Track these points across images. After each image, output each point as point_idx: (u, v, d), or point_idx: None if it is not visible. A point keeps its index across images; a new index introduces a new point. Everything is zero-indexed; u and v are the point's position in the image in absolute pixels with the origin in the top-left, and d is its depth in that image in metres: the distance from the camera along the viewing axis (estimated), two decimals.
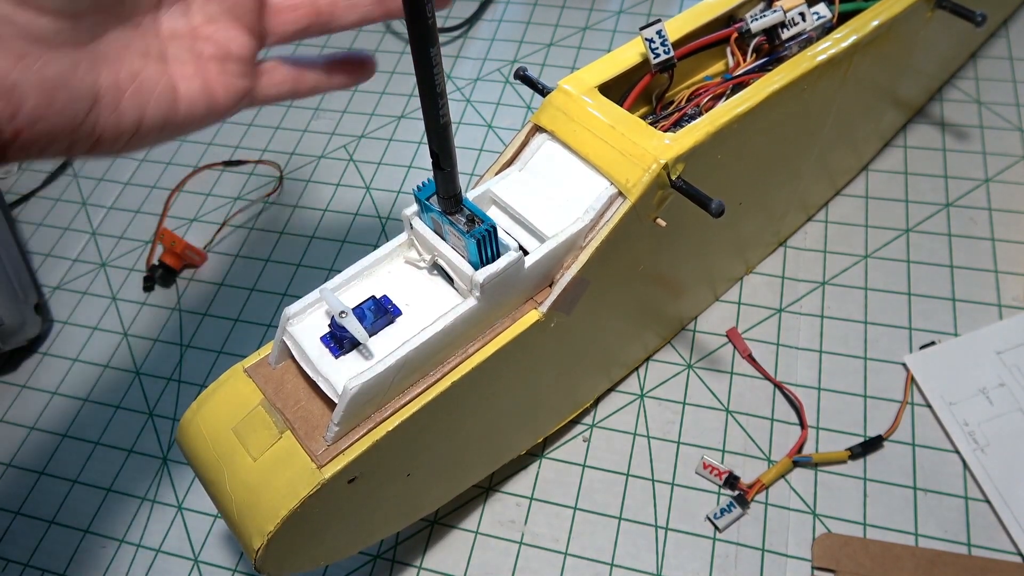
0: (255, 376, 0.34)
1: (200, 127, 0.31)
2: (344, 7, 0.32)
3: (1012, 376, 0.47)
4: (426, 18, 0.25)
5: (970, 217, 0.55)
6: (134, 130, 0.28)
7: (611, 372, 0.49)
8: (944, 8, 0.47)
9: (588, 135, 0.37)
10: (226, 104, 0.31)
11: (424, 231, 0.34)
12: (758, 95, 0.38)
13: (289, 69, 0.33)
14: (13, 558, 0.49)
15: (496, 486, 0.48)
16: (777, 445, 0.47)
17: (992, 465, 0.44)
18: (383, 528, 0.40)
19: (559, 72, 0.69)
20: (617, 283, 0.40)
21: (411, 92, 0.71)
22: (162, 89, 0.29)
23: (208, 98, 0.30)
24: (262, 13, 0.31)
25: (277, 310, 0.58)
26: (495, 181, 0.38)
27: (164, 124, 0.29)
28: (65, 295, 0.62)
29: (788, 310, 0.52)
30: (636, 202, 0.35)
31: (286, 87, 0.33)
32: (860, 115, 0.50)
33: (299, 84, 0.34)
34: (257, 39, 0.32)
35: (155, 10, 0.29)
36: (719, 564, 0.44)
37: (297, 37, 0.33)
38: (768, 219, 0.51)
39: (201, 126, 0.31)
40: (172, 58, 0.29)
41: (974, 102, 0.61)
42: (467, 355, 0.34)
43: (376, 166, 0.66)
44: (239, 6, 0.30)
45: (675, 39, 0.41)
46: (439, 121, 0.28)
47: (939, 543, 0.43)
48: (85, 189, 0.69)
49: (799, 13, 0.42)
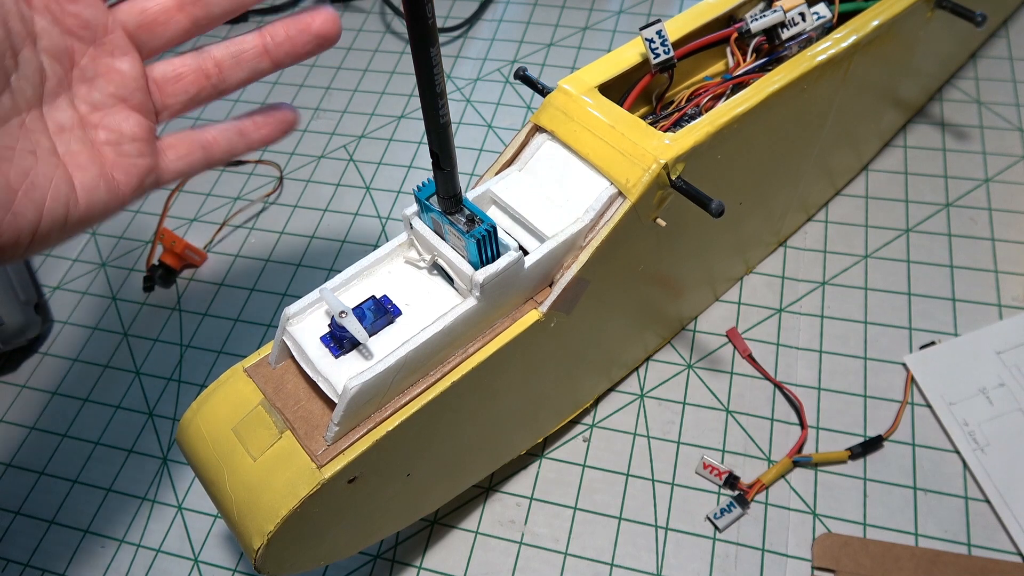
0: (255, 376, 0.34)
1: (105, 216, 0.30)
2: (230, 66, 0.32)
3: (1012, 376, 0.47)
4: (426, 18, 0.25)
5: (970, 217, 0.55)
6: (33, 230, 0.27)
7: (611, 372, 0.49)
8: (944, 8, 0.47)
9: (588, 135, 0.37)
10: (128, 187, 0.30)
11: (424, 231, 0.34)
12: (758, 95, 0.38)
13: (195, 138, 0.33)
14: (13, 558, 0.49)
15: (496, 486, 0.48)
16: (777, 445, 0.47)
17: (992, 465, 0.44)
18: (383, 528, 0.40)
19: (559, 72, 0.69)
20: (617, 283, 0.40)
21: (411, 92, 0.71)
22: (57, 182, 0.28)
23: (108, 184, 0.29)
24: (148, 90, 0.31)
25: (277, 310, 0.58)
26: (495, 181, 0.38)
27: (65, 219, 0.28)
28: (65, 295, 0.62)
29: (788, 310, 0.52)
30: (636, 202, 0.35)
31: (195, 157, 0.33)
32: (860, 115, 0.50)
33: (210, 150, 0.33)
34: (149, 116, 0.31)
35: (36, 106, 0.28)
36: (719, 564, 0.44)
37: (191, 106, 0.32)
38: (768, 219, 0.51)
39: (106, 215, 0.30)
40: (64, 151, 0.28)
41: (974, 102, 0.61)
42: (467, 355, 0.34)
43: (376, 166, 0.66)
44: (123, 88, 0.30)
45: (675, 39, 0.41)
46: (439, 121, 0.28)
47: (939, 543, 0.43)
48: None
49: (799, 13, 0.42)
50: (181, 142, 0.33)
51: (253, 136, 0.34)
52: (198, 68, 0.32)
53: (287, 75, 0.74)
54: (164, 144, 0.32)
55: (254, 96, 0.73)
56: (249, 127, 0.33)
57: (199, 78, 0.32)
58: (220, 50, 0.32)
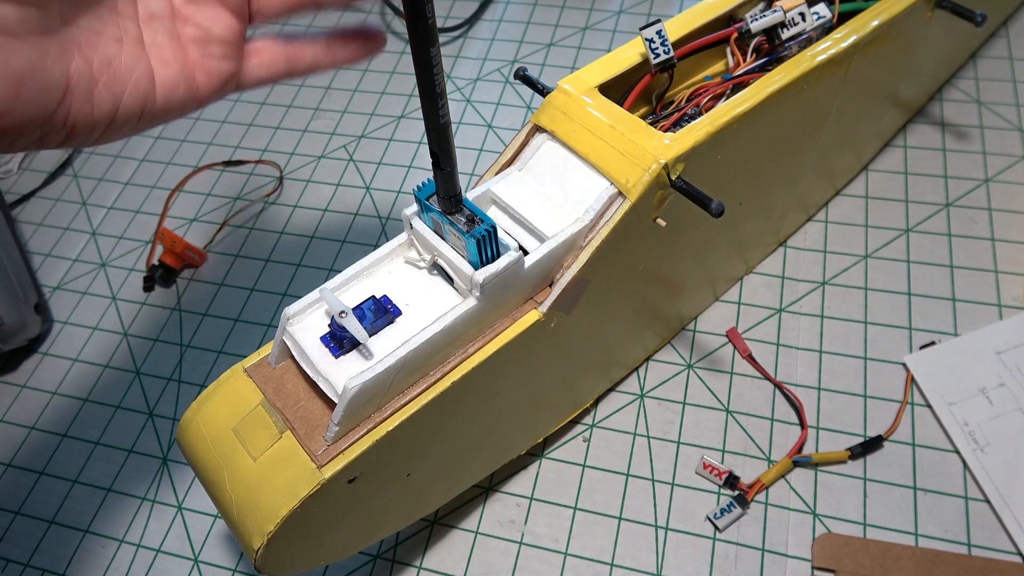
0: (255, 376, 0.34)
1: (180, 115, 0.29)
2: None
3: (1012, 376, 0.47)
4: (426, 18, 0.25)
5: (970, 217, 0.55)
6: (109, 120, 0.27)
7: (611, 372, 0.49)
8: (944, 8, 0.47)
9: (588, 135, 0.37)
10: (208, 90, 0.29)
11: (424, 231, 0.34)
12: (758, 95, 0.38)
13: (281, 47, 0.31)
14: (13, 558, 0.49)
15: (496, 486, 0.48)
16: (777, 445, 0.47)
17: (992, 465, 0.44)
18: (383, 528, 0.40)
19: (559, 72, 0.69)
20: (617, 283, 0.40)
21: (411, 92, 0.71)
22: (139, 76, 0.27)
23: (188, 84, 0.28)
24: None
25: (277, 310, 0.58)
26: (495, 181, 0.38)
27: (141, 113, 0.28)
28: (65, 295, 0.62)
29: (788, 310, 0.52)
30: (636, 202, 0.35)
31: (279, 67, 0.31)
32: (860, 115, 0.50)
33: (294, 62, 0.31)
34: (242, 19, 0.29)
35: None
36: (719, 564, 0.44)
37: (288, 12, 0.30)
38: (768, 219, 0.51)
39: (181, 114, 0.29)
40: (149, 42, 0.27)
41: (974, 102, 0.61)
42: (467, 355, 0.34)
43: (376, 166, 0.66)
44: None
45: (675, 39, 0.41)
46: (439, 121, 0.28)
47: (939, 543, 0.43)
48: (85, 189, 0.69)
49: (799, 13, 0.42)
50: (267, 49, 0.31)
51: (339, 53, 0.32)
52: None
53: None
54: (250, 49, 0.31)
55: (254, 95, 0.73)
56: (337, 42, 0.32)
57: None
58: None
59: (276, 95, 0.73)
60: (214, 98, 0.30)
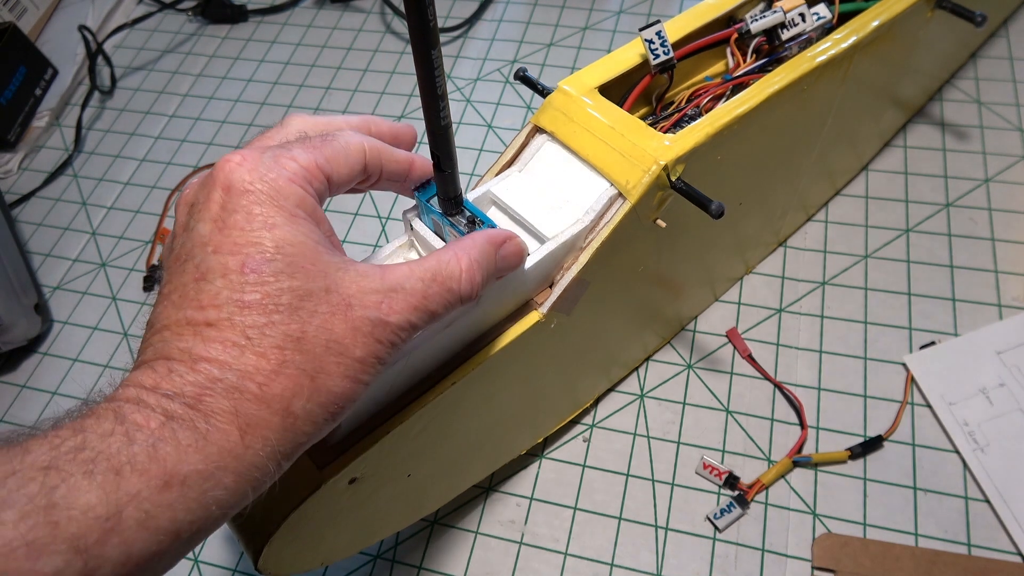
0: None
1: None
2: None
3: (1012, 376, 0.47)
4: (427, 20, 0.25)
5: (970, 217, 0.55)
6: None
7: (611, 372, 0.49)
8: (944, 8, 0.47)
9: (588, 136, 0.37)
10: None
11: (424, 232, 0.33)
12: (758, 96, 0.38)
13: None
14: None
15: (496, 486, 0.48)
16: (777, 445, 0.47)
17: (992, 465, 0.44)
18: (383, 528, 0.40)
19: (559, 72, 0.69)
20: (617, 284, 0.40)
21: (411, 92, 0.71)
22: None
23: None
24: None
25: None
26: (495, 182, 0.38)
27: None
28: (65, 295, 0.62)
29: (788, 310, 0.52)
30: (636, 203, 0.35)
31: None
32: (860, 115, 0.50)
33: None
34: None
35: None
36: (719, 564, 0.44)
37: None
38: (768, 219, 0.51)
39: None
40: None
41: (974, 102, 0.61)
42: (467, 355, 0.34)
43: None
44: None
45: (675, 40, 0.41)
46: (440, 123, 0.28)
47: (939, 543, 0.43)
48: (85, 189, 0.69)
49: (799, 14, 0.42)
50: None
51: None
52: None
53: (288, 76, 0.74)
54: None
55: (254, 96, 0.73)
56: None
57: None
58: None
59: (276, 95, 0.73)
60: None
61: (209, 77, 0.76)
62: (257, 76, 0.75)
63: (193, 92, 0.76)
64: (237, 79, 0.75)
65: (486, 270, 0.28)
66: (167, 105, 0.75)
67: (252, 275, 0.23)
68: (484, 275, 0.28)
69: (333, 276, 0.24)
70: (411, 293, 0.25)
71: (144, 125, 0.74)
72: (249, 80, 0.75)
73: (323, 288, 0.24)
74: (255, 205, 0.24)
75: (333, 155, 0.27)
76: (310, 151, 0.26)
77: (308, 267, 0.24)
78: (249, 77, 0.75)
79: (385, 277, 0.25)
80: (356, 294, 0.24)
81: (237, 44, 0.79)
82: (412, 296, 0.25)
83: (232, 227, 0.23)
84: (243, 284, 0.23)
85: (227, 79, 0.76)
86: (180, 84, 0.77)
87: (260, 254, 0.23)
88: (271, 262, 0.23)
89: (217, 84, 0.75)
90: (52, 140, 0.74)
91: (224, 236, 0.23)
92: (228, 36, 0.80)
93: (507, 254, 0.30)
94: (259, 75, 0.75)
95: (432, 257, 0.27)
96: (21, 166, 0.72)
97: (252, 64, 0.77)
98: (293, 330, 0.23)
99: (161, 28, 0.82)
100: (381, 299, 0.25)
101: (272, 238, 0.23)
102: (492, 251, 0.29)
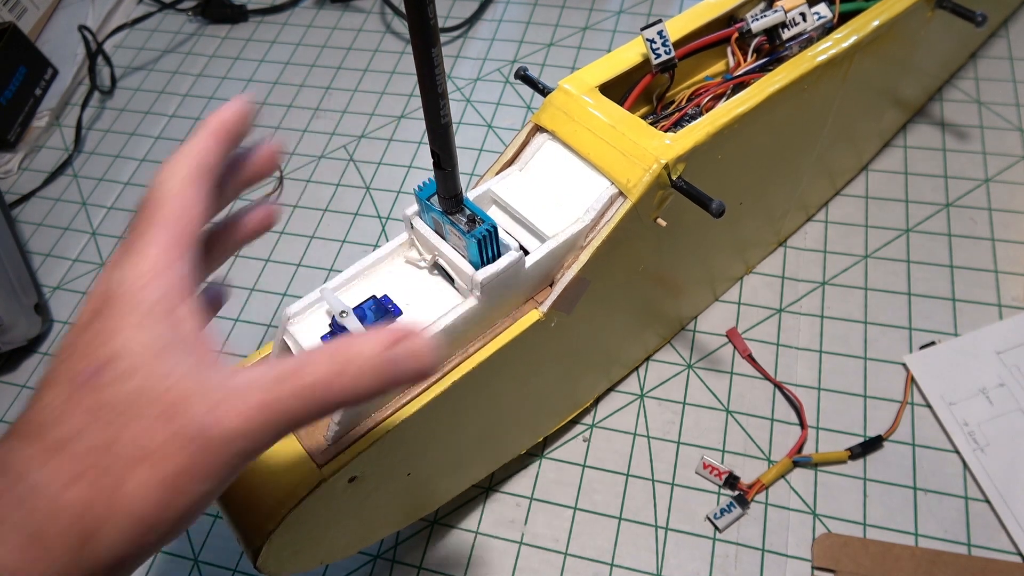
0: None
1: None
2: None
3: (1012, 376, 0.47)
4: (427, 17, 0.25)
5: (970, 217, 0.55)
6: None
7: (611, 372, 0.49)
8: (944, 8, 0.47)
9: (589, 135, 0.37)
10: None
11: (425, 231, 0.34)
12: (759, 95, 0.38)
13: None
14: None
15: (496, 486, 0.48)
16: (777, 445, 0.47)
17: (992, 465, 0.44)
18: (383, 528, 0.40)
19: (559, 72, 0.69)
20: (617, 283, 0.40)
21: (411, 92, 0.71)
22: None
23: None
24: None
25: (277, 310, 0.58)
26: (496, 181, 0.38)
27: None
28: (65, 295, 0.62)
29: (788, 310, 0.52)
30: (637, 202, 0.35)
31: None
32: (860, 115, 0.50)
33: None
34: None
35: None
36: (719, 564, 0.44)
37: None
38: (768, 219, 0.51)
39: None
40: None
41: (974, 102, 0.61)
42: (468, 355, 0.34)
43: (376, 166, 0.66)
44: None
45: (676, 39, 0.41)
46: (440, 121, 0.28)
47: (939, 543, 0.43)
48: (85, 189, 0.69)
49: (800, 13, 0.42)
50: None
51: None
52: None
53: (287, 76, 0.74)
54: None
55: (254, 96, 0.73)
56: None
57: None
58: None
59: (276, 95, 0.73)
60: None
61: (209, 77, 0.76)
62: (257, 76, 0.75)
63: (193, 92, 0.76)
64: (237, 79, 0.75)
65: (363, 369, 0.23)
66: (167, 105, 0.75)
67: (91, 380, 0.21)
68: (359, 375, 0.22)
69: (174, 378, 0.22)
70: (257, 393, 0.22)
71: (144, 125, 0.74)
72: (249, 80, 0.75)
73: (157, 391, 0.21)
74: (113, 311, 0.22)
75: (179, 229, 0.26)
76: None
77: (145, 370, 0.22)
78: (249, 77, 0.75)
79: (233, 378, 0.22)
80: (192, 397, 0.21)
81: (237, 44, 0.79)
82: (259, 396, 0.22)
83: (90, 331, 0.22)
84: (74, 391, 0.21)
85: (227, 79, 0.76)
86: (180, 84, 0.77)
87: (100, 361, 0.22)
88: (108, 368, 0.22)
89: (217, 84, 0.76)
90: (52, 140, 0.74)
91: (78, 339, 0.22)
92: (228, 36, 0.80)
93: (402, 354, 0.23)
94: (259, 75, 0.75)
95: (303, 354, 0.23)
96: (21, 166, 0.72)
97: (252, 64, 0.77)
98: (100, 440, 0.21)
99: (161, 28, 0.82)
100: (217, 403, 0.21)
101: (116, 344, 0.22)
102: (377, 347, 0.23)
